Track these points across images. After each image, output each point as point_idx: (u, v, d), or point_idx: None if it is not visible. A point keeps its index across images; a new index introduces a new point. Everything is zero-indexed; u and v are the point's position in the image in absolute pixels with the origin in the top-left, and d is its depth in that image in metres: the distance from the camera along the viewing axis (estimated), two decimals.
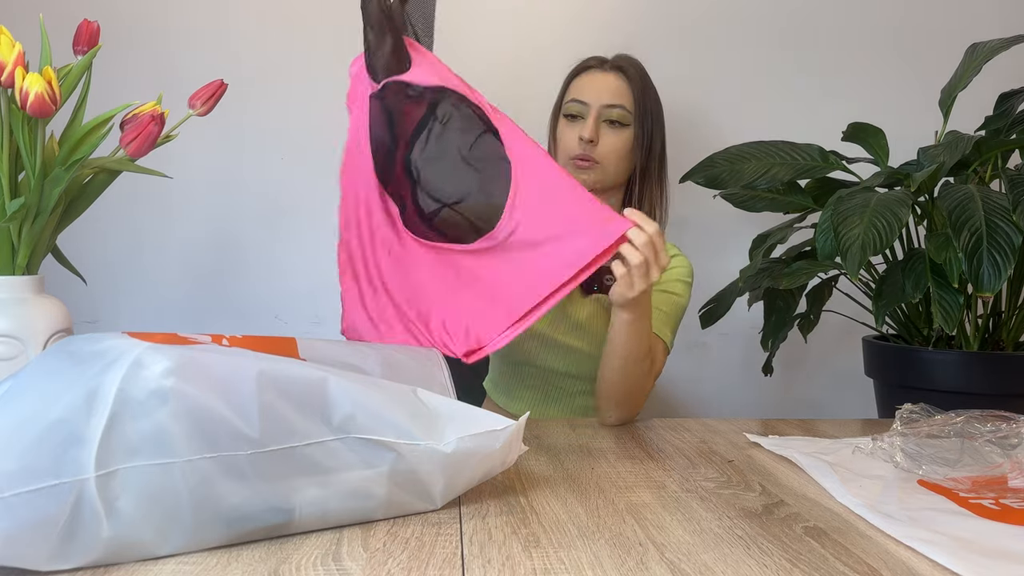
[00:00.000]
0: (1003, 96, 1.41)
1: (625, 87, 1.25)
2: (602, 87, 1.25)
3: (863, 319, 1.54)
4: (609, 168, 1.25)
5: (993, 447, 0.91)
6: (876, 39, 1.77)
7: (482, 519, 0.72)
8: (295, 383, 0.66)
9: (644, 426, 1.15)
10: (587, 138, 1.23)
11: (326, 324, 1.72)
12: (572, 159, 1.25)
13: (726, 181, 1.45)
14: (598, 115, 1.24)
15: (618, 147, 1.25)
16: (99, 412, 0.58)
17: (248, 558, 0.62)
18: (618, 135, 1.25)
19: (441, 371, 0.94)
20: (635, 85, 1.25)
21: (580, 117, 1.26)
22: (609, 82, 1.26)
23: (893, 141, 1.43)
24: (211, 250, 1.71)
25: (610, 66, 1.28)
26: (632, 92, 1.25)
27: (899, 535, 0.70)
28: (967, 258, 1.11)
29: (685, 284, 1.26)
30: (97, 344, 0.63)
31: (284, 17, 1.67)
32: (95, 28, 0.99)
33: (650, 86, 1.28)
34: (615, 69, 1.27)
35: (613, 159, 1.25)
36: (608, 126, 1.25)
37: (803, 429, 1.14)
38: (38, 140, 0.89)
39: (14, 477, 0.55)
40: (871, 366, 1.44)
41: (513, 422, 0.74)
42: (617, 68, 1.27)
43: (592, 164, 1.24)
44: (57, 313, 0.90)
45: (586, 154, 1.24)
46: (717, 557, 0.65)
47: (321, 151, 1.65)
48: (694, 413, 1.81)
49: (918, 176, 1.24)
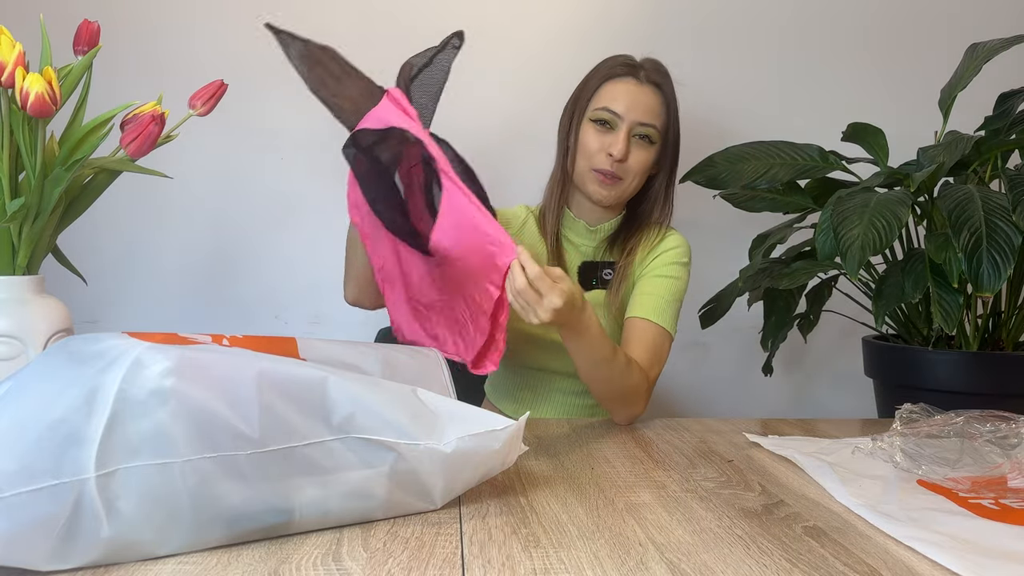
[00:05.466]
0: (1003, 96, 1.41)
1: (660, 106, 1.23)
2: (637, 102, 1.22)
3: (863, 319, 1.54)
4: (630, 184, 1.24)
5: (993, 447, 0.91)
6: (876, 39, 1.78)
7: (482, 519, 0.72)
8: (295, 383, 0.66)
9: (644, 426, 1.15)
10: (618, 157, 1.20)
11: (326, 324, 1.72)
12: (595, 171, 1.22)
13: (726, 181, 1.45)
14: (630, 130, 1.21)
15: (644, 164, 1.23)
16: (99, 412, 0.58)
17: (248, 558, 0.62)
18: (646, 152, 1.23)
19: (441, 371, 0.94)
20: (669, 104, 1.24)
21: (611, 128, 1.22)
22: (645, 98, 1.23)
23: (893, 141, 1.43)
24: (211, 250, 1.71)
25: (645, 78, 1.24)
26: (667, 112, 1.24)
27: (899, 535, 0.70)
28: (967, 258, 1.11)
29: (682, 265, 1.26)
30: (97, 344, 0.63)
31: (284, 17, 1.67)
32: (95, 28, 0.99)
33: (675, 100, 1.27)
34: (651, 84, 1.24)
35: (635, 175, 1.24)
36: (636, 142, 1.22)
37: (803, 429, 1.14)
38: (38, 140, 0.89)
39: (14, 477, 0.55)
40: (871, 366, 1.44)
41: (513, 422, 0.74)
42: (653, 83, 1.24)
43: (616, 181, 1.22)
44: (57, 313, 0.90)
45: (612, 171, 1.21)
46: (717, 557, 0.65)
47: (321, 151, 1.65)
48: (694, 413, 1.81)
49: (918, 176, 1.24)
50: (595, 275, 1.27)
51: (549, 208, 1.31)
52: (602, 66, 1.27)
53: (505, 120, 1.72)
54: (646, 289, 1.23)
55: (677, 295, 1.23)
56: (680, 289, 1.24)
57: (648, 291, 1.22)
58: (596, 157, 1.22)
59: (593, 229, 1.29)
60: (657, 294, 1.21)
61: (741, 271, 1.46)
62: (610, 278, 1.26)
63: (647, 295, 1.22)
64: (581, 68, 1.30)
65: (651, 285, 1.23)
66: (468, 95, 1.70)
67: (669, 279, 1.23)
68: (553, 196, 1.31)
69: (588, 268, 1.27)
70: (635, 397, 1.12)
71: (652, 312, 1.19)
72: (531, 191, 1.39)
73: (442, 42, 1.10)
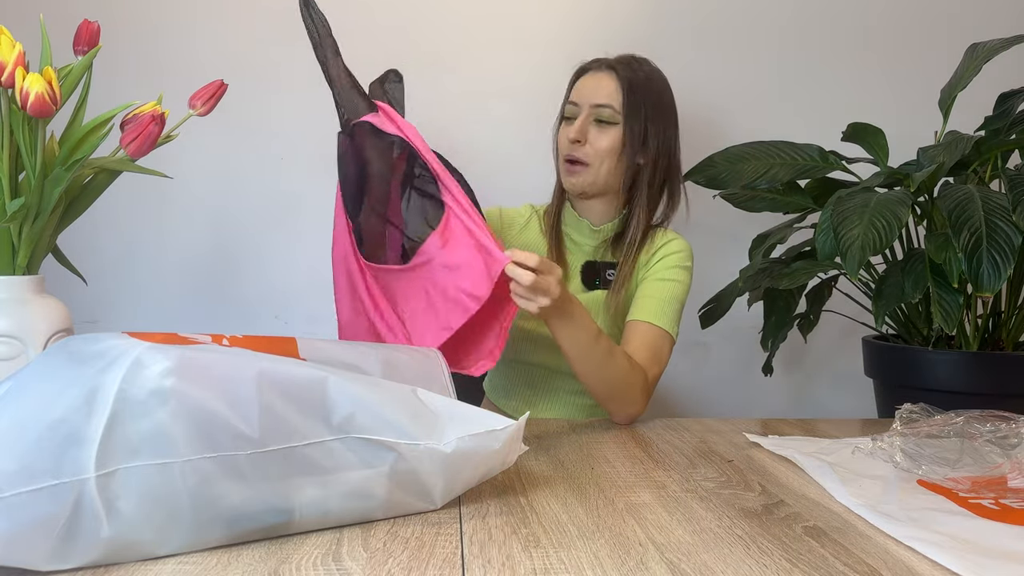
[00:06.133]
0: (1003, 96, 1.41)
1: (615, 85, 1.25)
2: (594, 87, 1.25)
3: (863, 319, 1.54)
4: (600, 169, 1.24)
5: (993, 447, 0.91)
6: (876, 39, 1.77)
7: (482, 519, 0.72)
8: (295, 383, 0.66)
9: (644, 426, 1.15)
10: (572, 138, 1.24)
11: (326, 323, 1.71)
12: (564, 161, 1.27)
13: (726, 181, 1.45)
14: (588, 115, 1.24)
15: (605, 146, 1.24)
16: (99, 412, 0.58)
17: (248, 558, 0.62)
18: (605, 133, 1.24)
19: (441, 371, 0.94)
20: (624, 83, 1.24)
21: (573, 118, 1.26)
22: (600, 82, 1.25)
23: (893, 141, 1.43)
24: (211, 250, 1.71)
25: (605, 65, 1.27)
26: (621, 91, 1.24)
27: (899, 535, 0.70)
28: (967, 258, 1.11)
29: (684, 269, 1.26)
30: (97, 344, 0.63)
31: (285, 17, 1.67)
32: (95, 28, 0.99)
33: (647, 83, 1.26)
34: (608, 68, 1.26)
35: (602, 159, 1.24)
36: (596, 125, 1.25)
37: (803, 429, 1.14)
38: (38, 140, 0.89)
39: (14, 477, 0.55)
40: (871, 366, 1.44)
41: (513, 422, 0.74)
42: (610, 67, 1.26)
43: (582, 167, 1.25)
44: (57, 313, 0.90)
45: (574, 156, 1.24)
46: (717, 557, 0.65)
47: (321, 151, 1.65)
48: (694, 413, 1.81)
49: (918, 176, 1.24)
50: (598, 275, 1.27)
51: (552, 208, 1.33)
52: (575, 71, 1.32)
53: (505, 122, 1.72)
54: (646, 292, 1.23)
55: (677, 297, 1.23)
56: (681, 292, 1.24)
57: (648, 294, 1.22)
58: (563, 147, 1.27)
59: (596, 229, 1.30)
60: (657, 296, 1.21)
61: (741, 271, 1.46)
62: (612, 279, 1.26)
63: (647, 298, 1.22)
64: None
65: (651, 288, 1.23)
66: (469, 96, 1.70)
67: (670, 282, 1.23)
68: (556, 196, 1.34)
69: (591, 268, 1.28)
70: (631, 395, 1.12)
71: (650, 314, 1.20)
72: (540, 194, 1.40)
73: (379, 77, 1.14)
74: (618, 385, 1.11)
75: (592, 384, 1.12)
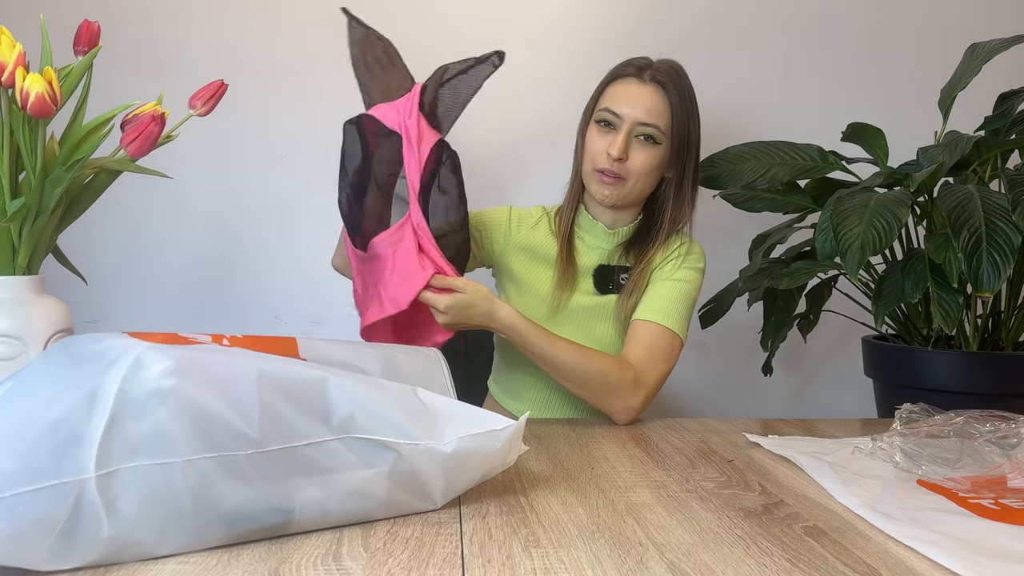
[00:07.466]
0: (1003, 96, 1.41)
1: (663, 105, 1.20)
2: (638, 101, 1.20)
3: (863, 319, 1.54)
4: (635, 185, 1.22)
5: (992, 447, 0.91)
6: (876, 39, 1.78)
7: (482, 519, 0.72)
8: (295, 383, 0.66)
9: (644, 426, 1.15)
10: (616, 156, 1.19)
11: (326, 324, 1.72)
12: (597, 170, 1.22)
13: (726, 181, 1.45)
14: (630, 131, 1.20)
15: (647, 164, 1.21)
16: (99, 412, 0.58)
17: (248, 558, 0.62)
18: (648, 153, 1.21)
19: (441, 371, 0.94)
20: (674, 103, 1.21)
21: (612, 128, 1.21)
22: (647, 97, 1.20)
23: (893, 141, 1.43)
24: (211, 250, 1.71)
25: (649, 77, 1.21)
26: (670, 111, 1.21)
27: (899, 535, 0.70)
28: (966, 258, 1.11)
29: (695, 270, 1.25)
30: (97, 344, 0.63)
31: (285, 17, 1.67)
32: (95, 28, 0.99)
33: (690, 101, 1.23)
34: (655, 83, 1.21)
35: (639, 176, 1.22)
36: (639, 142, 1.21)
37: (803, 429, 1.14)
38: (38, 140, 0.89)
39: (14, 477, 0.55)
40: (871, 366, 1.44)
41: (513, 422, 0.74)
42: (657, 82, 1.21)
43: (617, 180, 1.21)
44: (57, 313, 0.90)
45: (612, 170, 1.20)
46: (717, 557, 0.65)
47: (321, 151, 1.65)
48: (694, 413, 1.81)
49: (918, 176, 1.24)
50: (611, 279, 1.27)
51: (565, 209, 1.31)
52: (613, 68, 1.27)
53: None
54: (653, 292, 1.23)
55: (685, 296, 1.23)
56: (689, 292, 1.23)
57: (654, 294, 1.22)
58: (598, 157, 1.22)
59: (611, 232, 1.29)
60: (662, 296, 1.21)
61: (741, 271, 1.46)
62: (625, 283, 1.26)
63: (652, 297, 1.22)
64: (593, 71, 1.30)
65: (660, 288, 1.23)
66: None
67: (678, 282, 1.23)
68: (569, 197, 1.32)
69: (604, 272, 1.27)
70: (617, 393, 1.13)
71: (653, 313, 1.19)
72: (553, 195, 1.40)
73: (482, 56, 1.16)
74: (596, 385, 1.13)
75: (571, 388, 1.16)
